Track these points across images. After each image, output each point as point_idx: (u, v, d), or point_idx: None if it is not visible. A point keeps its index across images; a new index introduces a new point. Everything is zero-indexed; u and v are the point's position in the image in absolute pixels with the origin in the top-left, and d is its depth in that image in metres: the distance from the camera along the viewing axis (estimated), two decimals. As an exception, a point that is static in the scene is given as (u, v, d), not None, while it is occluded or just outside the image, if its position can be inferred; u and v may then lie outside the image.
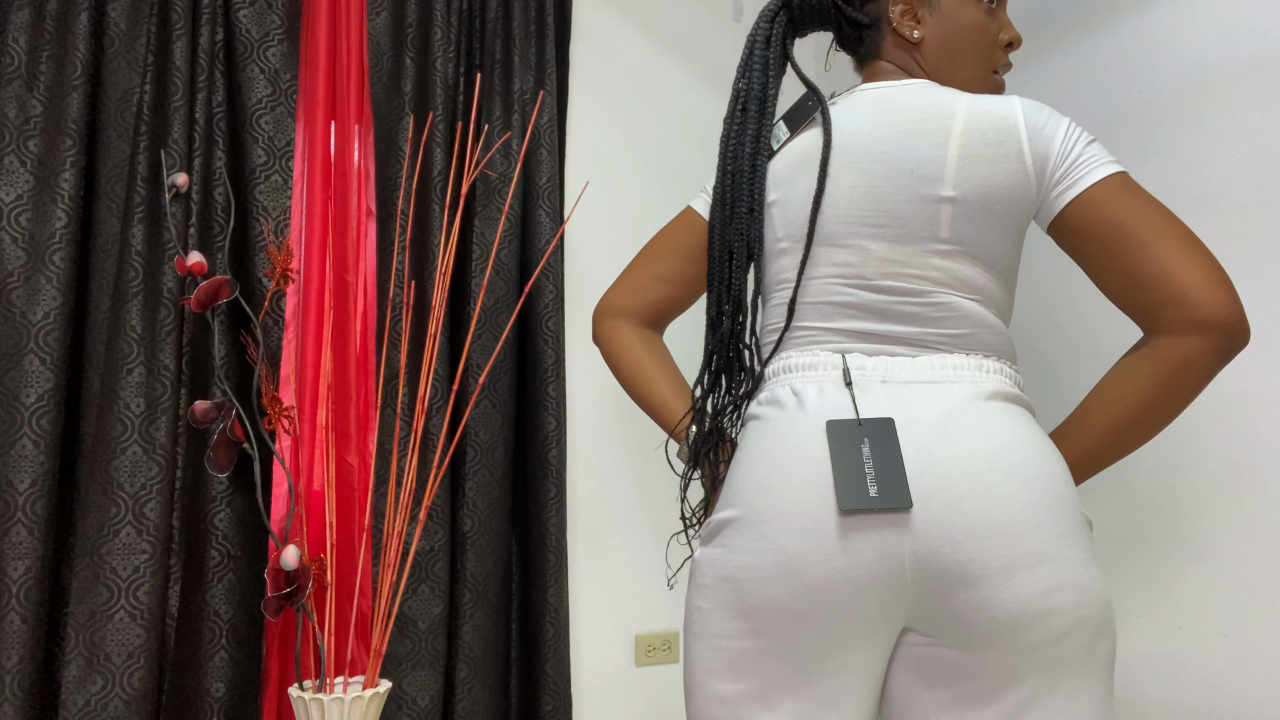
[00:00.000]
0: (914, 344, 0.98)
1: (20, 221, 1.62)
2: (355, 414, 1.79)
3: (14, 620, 1.52)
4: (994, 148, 0.98)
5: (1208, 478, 1.47)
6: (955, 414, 0.92)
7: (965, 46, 1.10)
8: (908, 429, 0.91)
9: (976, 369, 0.96)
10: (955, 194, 0.98)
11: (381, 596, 1.65)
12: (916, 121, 1.02)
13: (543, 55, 2.09)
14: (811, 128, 1.09)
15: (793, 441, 0.95)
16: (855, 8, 1.12)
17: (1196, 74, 1.53)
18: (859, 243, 1.01)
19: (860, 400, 0.95)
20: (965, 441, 0.90)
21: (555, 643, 1.91)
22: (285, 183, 1.81)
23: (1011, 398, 0.95)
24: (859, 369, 0.97)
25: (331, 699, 1.51)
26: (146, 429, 1.62)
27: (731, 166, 1.10)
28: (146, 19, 1.75)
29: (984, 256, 0.99)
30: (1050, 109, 1.02)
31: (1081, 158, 0.98)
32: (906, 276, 0.99)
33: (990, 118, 1.00)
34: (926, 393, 0.94)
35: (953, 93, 1.04)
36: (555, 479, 1.95)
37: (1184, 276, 0.91)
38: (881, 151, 1.02)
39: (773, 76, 1.12)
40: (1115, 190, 0.96)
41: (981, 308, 0.99)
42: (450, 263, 1.82)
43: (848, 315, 1.01)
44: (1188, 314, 0.90)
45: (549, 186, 2.04)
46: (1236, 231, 1.46)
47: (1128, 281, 0.94)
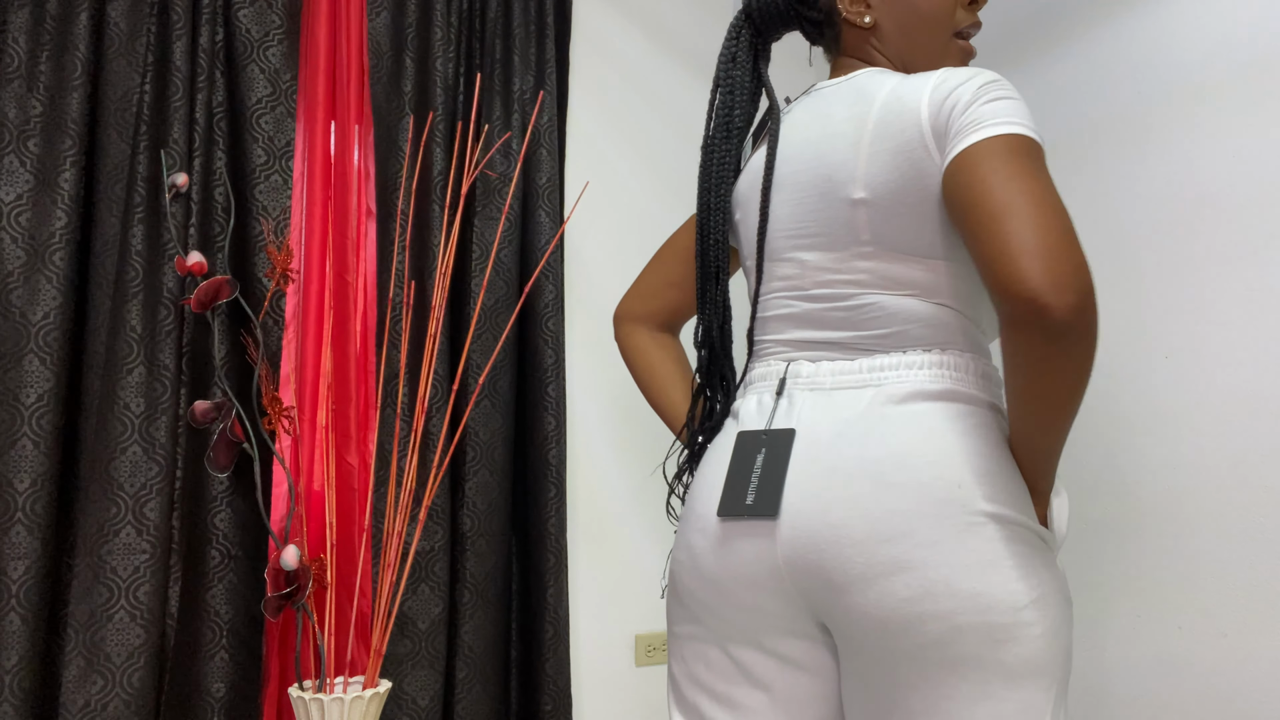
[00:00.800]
0: (848, 347, 0.99)
1: (20, 221, 1.62)
2: (355, 414, 1.79)
3: (14, 620, 1.52)
4: (897, 137, 0.95)
5: (1207, 478, 1.47)
6: (856, 422, 0.93)
7: (919, 19, 1.07)
8: (805, 439, 0.95)
9: (905, 367, 0.95)
10: (866, 195, 0.97)
11: (381, 596, 1.65)
12: (839, 123, 1.01)
13: (543, 55, 2.09)
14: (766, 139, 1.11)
15: (720, 450, 1.04)
16: (809, 6, 1.11)
17: (1196, 74, 1.53)
18: (795, 255, 1.03)
19: (784, 409, 1.00)
20: (849, 451, 0.92)
21: (555, 643, 1.91)
22: (285, 183, 1.81)
23: (931, 395, 0.93)
24: (796, 376, 1.01)
25: (331, 699, 1.51)
26: (146, 429, 1.62)
27: (701, 195, 1.14)
28: (146, 19, 1.75)
29: (910, 249, 0.96)
30: (973, 72, 0.94)
31: (971, 119, 0.90)
32: (836, 283, 1.00)
33: (900, 104, 0.96)
34: (841, 399, 0.96)
35: (883, 81, 1.01)
36: (555, 479, 1.95)
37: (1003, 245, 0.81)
38: (809, 160, 1.03)
39: (738, 97, 1.13)
40: (985, 152, 0.87)
41: (918, 302, 0.96)
42: (450, 263, 1.82)
43: (792, 326, 1.04)
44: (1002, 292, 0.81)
45: (549, 186, 2.04)
46: (1236, 231, 1.46)
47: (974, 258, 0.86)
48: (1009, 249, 0.81)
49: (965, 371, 0.96)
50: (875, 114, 0.98)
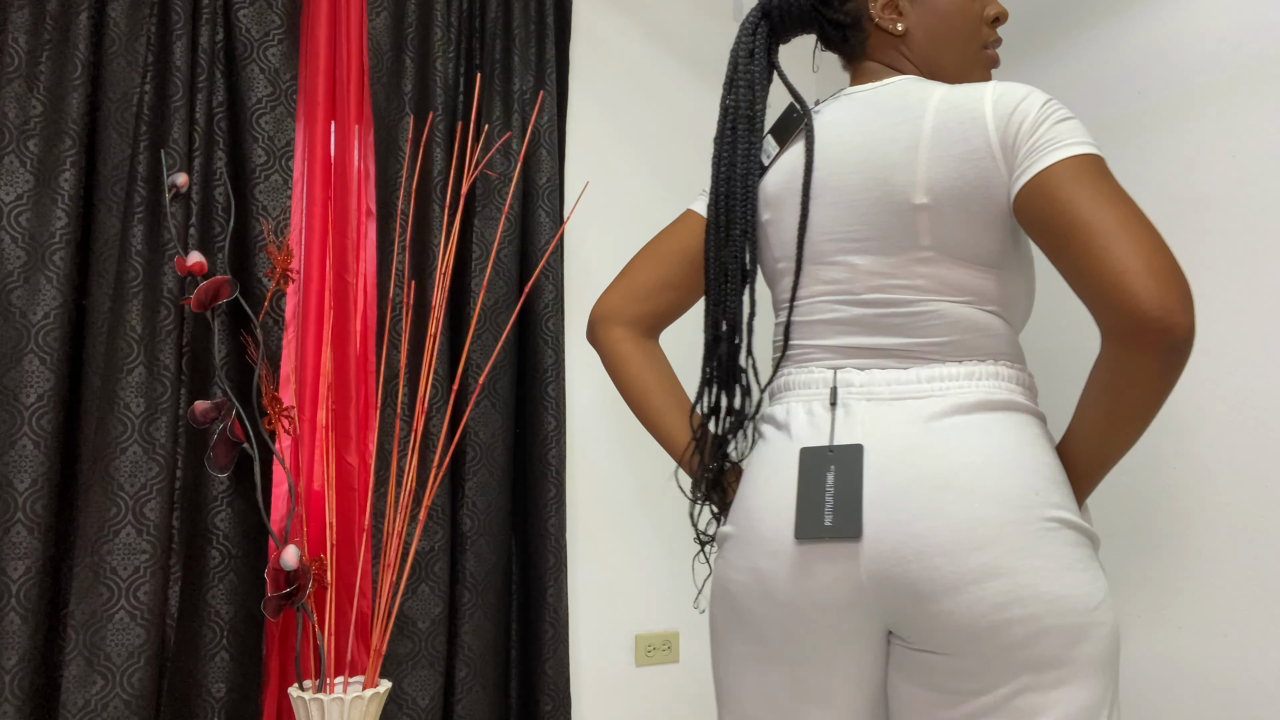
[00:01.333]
0: (904, 355, 0.99)
1: (20, 221, 1.62)
2: (355, 414, 1.79)
3: (14, 620, 1.52)
4: (961, 145, 0.96)
5: (1208, 478, 1.47)
6: (925, 433, 0.93)
7: (951, 30, 1.08)
8: (875, 452, 0.94)
9: (965, 378, 0.96)
10: (929, 200, 0.97)
11: (381, 596, 1.65)
12: (889, 126, 1.01)
13: (543, 55, 2.09)
14: (798, 141, 1.09)
15: (775, 466, 1.01)
16: (835, 9, 1.11)
17: (1196, 74, 1.53)
18: (845, 259, 1.02)
19: (841, 420, 0.98)
20: (925, 462, 0.92)
21: (555, 643, 1.91)
22: (285, 183, 1.81)
23: (996, 405, 0.95)
24: (847, 385, 0.99)
25: (331, 699, 1.51)
26: (146, 429, 1.62)
27: (725, 187, 1.10)
28: (146, 19, 1.75)
29: (971, 256, 0.98)
30: (1027, 89, 0.96)
31: (1045, 139, 0.93)
32: (893, 288, 0.99)
33: (958, 113, 0.97)
34: (905, 410, 0.96)
35: (927, 89, 1.02)
36: (555, 479, 1.95)
37: (1117, 267, 0.84)
38: (858, 163, 1.02)
39: (759, 92, 1.12)
40: (1071, 173, 0.90)
41: (974, 309, 0.98)
42: (450, 263, 1.82)
43: (840, 331, 1.02)
44: (1122, 313, 0.84)
45: (549, 186, 2.04)
46: (1235, 231, 1.46)
47: (1072, 275, 0.89)
48: (1121, 269, 0.83)
49: (1017, 383, 0.98)
50: (931, 120, 0.98)
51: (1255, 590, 1.40)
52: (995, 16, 1.11)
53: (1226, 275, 1.47)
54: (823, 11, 1.11)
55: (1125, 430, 0.91)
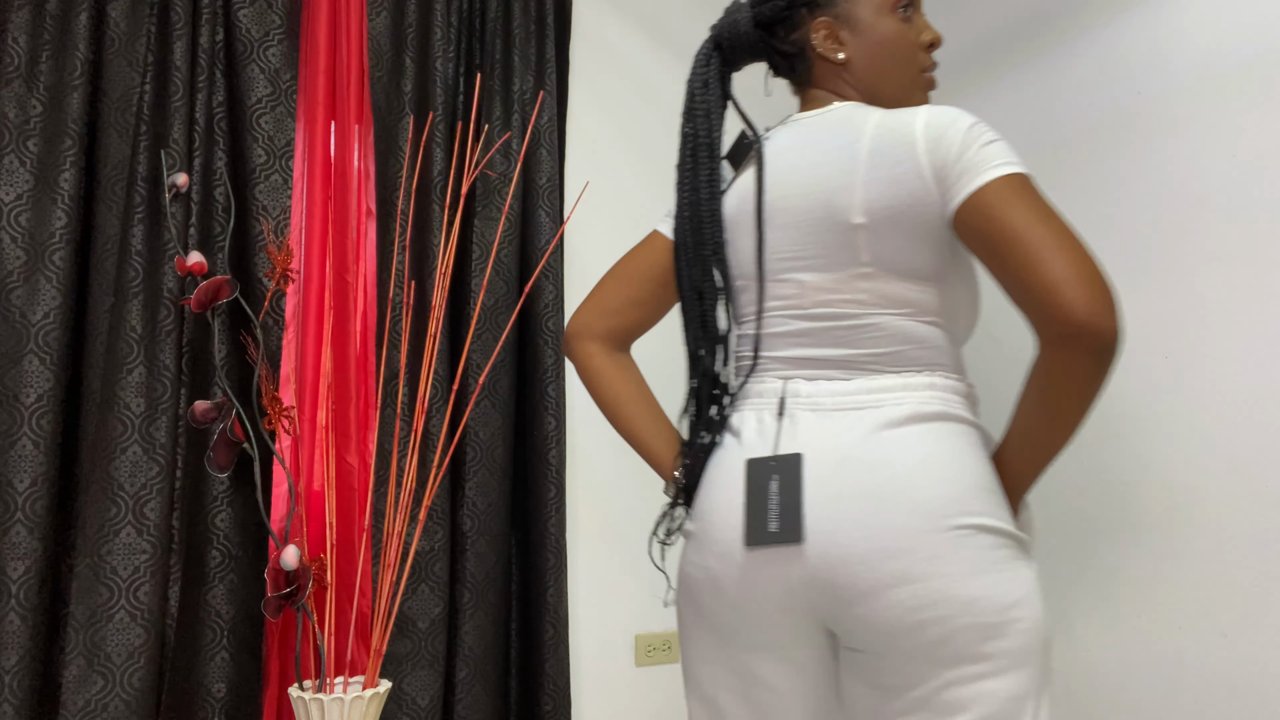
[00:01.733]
0: (847, 366, 1.06)
1: (20, 221, 1.62)
2: (355, 414, 1.79)
3: (14, 620, 1.52)
4: (894, 167, 1.03)
5: (1207, 478, 1.47)
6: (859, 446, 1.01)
7: (889, 58, 1.15)
8: (813, 463, 1.02)
9: (902, 389, 1.03)
10: (866, 220, 1.04)
11: (381, 596, 1.65)
12: (830, 152, 1.08)
13: (543, 55, 2.09)
14: (750, 166, 1.16)
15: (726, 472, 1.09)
16: (781, 39, 1.18)
17: (1196, 74, 1.53)
18: (794, 276, 1.09)
19: (787, 430, 1.06)
20: (854, 475, 0.99)
21: (555, 643, 1.91)
22: (285, 183, 1.81)
23: (928, 416, 1.01)
24: (795, 395, 1.07)
25: (331, 699, 1.51)
26: (146, 429, 1.62)
27: (690, 211, 1.18)
28: (146, 19, 1.75)
29: (908, 271, 1.04)
30: (957, 113, 1.03)
31: (975, 160, 0.99)
32: (837, 302, 1.07)
33: (891, 136, 1.04)
34: (844, 421, 1.03)
35: (865, 115, 1.09)
36: (555, 479, 1.95)
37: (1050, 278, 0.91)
38: (803, 187, 1.09)
39: (715, 120, 1.19)
40: (1004, 192, 0.97)
41: (912, 321, 1.05)
42: (450, 263, 1.82)
43: (791, 344, 1.10)
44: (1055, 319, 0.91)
45: (549, 186, 2.04)
46: (1234, 231, 1.46)
47: (1009, 286, 0.96)
48: (1052, 279, 0.91)
49: (953, 393, 1.05)
50: (867, 144, 1.05)
51: (1255, 590, 1.40)
52: (930, 42, 1.18)
53: (1226, 275, 1.47)
54: (770, 42, 1.19)
55: (1060, 430, 0.98)
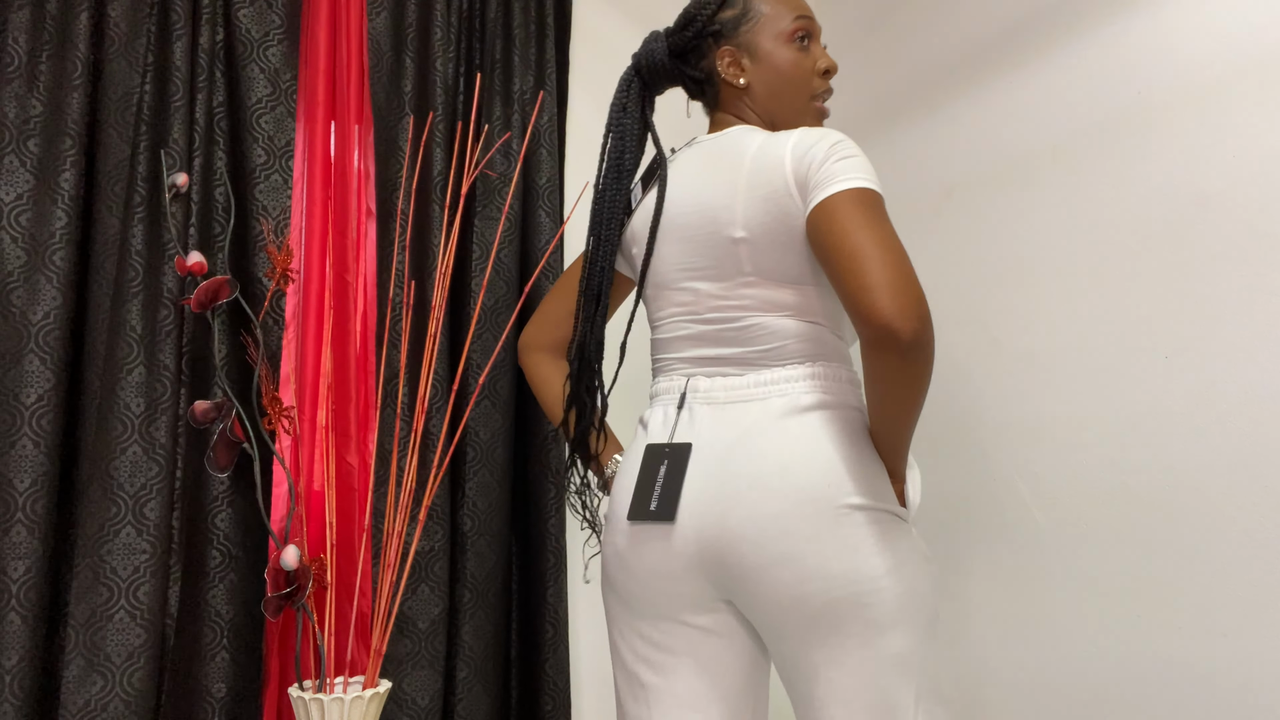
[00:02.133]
0: (739, 363, 1.18)
1: (20, 221, 1.62)
2: (355, 414, 1.79)
3: (14, 620, 1.52)
4: (767, 186, 1.14)
5: (1208, 478, 1.47)
6: (746, 436, 1.12)
7: (785, 84, 1.26)
8: (703, 450, 1.14)
9: (786, 381, 1.14)
10: (745, 234, 1.16)
11: (381, 596, 1.65)
12: (719, 172, 1.20)
13: (543, 55, 2.09)
14: (654, 185, 1.28)
15: (632, 460, 1.22)
16: (691, 66, 1.30)
17: (1196, 74, 1.53)
18: (689, 285, 1.21)
19: (685, 422, 1.18)
20: (741, 463, 1.10)
21: (555, 643, 1.91)
22: (285, 183, 1.81)
23: (808, 407, 1.12)
24: (694, 391, 1.19)
25: (331, 699, 1.51)
26: (146, 429, 1.62)
27: (596, 228, 1.31)
28: (146, 19, 1.75)
29: (785, 278, 1.16)
30: (823, 133, 1.13)
31: (826, 175, 1.09)
32: (726, 307, 1.19)
33: (767, 158, 1.15)
34: (734, 414, 1.14)
35: (753, 138, 1.20)
36: (555, 479, 1.95)
37: (861, 282, 1.01)
38: (695, 205, 1.21)
39: (629, 143, 1.31)
40: (841, 205, 1.07)
41: (794, 320, 1.17)
42: (450, 263, 1.82)
43: (690, 345, 1.22)
44: (862, 322, 1.01)
45: (549, 186, 2.04)
46: (1235, 231, 1.46)
47: (837, 290, 1.06)
48: (865, 285, 1.01)
49: (833, 380, 1.16)
50: (748, 166, 1.17)
51: (1255, 590, 1.40)
52: (825, 69, 1.28)
53: (1226, 275, 1.47)
54: (682, 69, 1.31)
55: (897, 416, 1.08)
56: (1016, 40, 1.87)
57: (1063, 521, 1.70)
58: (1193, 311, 1.51)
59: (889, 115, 2.19)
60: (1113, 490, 1.62)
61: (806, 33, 1.27)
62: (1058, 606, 1.70)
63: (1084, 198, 1.70)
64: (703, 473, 1.12)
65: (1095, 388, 1.65)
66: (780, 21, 1.26)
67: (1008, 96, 1.87)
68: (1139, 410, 1.58)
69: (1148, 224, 1.59)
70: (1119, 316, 1.63)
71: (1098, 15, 1.70)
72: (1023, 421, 1.78)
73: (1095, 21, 1.71)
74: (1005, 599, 1.80)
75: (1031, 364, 1.77)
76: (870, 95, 2.26)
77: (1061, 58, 1.77)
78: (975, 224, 1.92)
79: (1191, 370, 1.51)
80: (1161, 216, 1.57)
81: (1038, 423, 1.75)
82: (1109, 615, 1.61)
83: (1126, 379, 1.61)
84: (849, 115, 2.31)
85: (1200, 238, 1.51)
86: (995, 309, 1.85)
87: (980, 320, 1.89)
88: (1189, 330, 1.52)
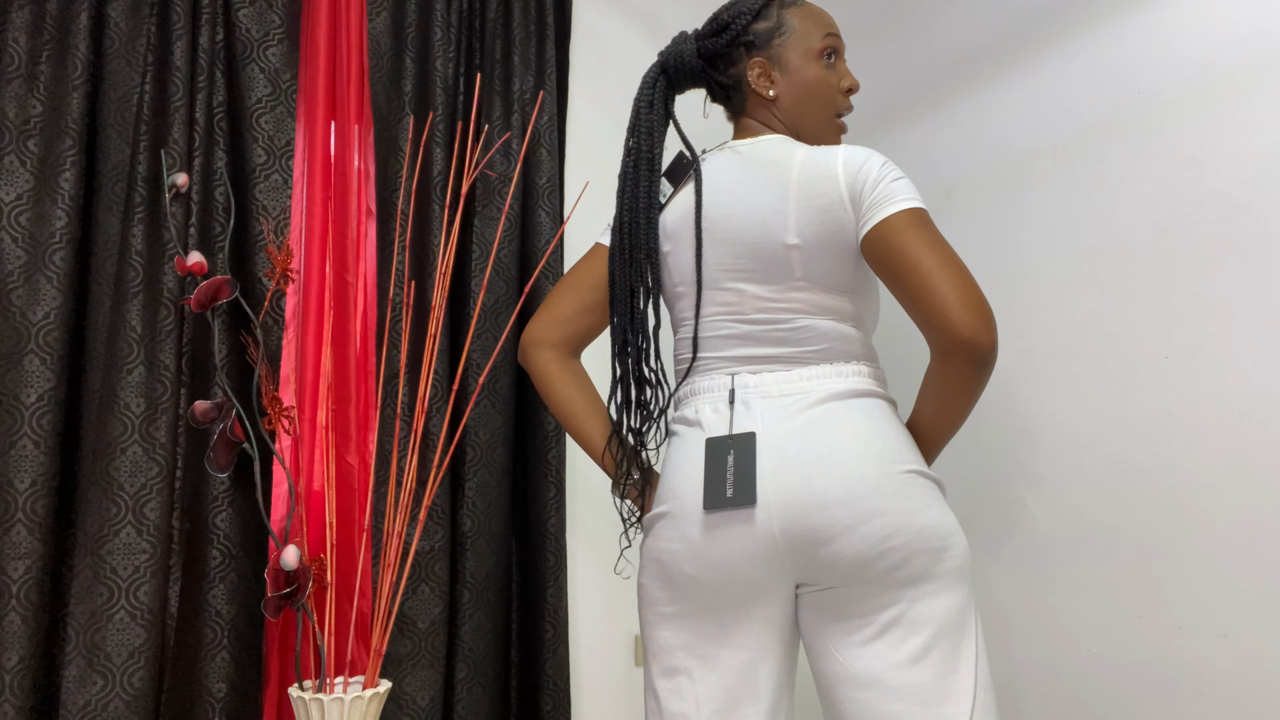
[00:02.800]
0: (787, 361, 1.23)
1: (20, 221, 1.62)
2: (355, 414, 1.79)
3: (14, 620, 1.52)
4: (821, 197, 1.20)
5: (1208, 478, 1.47)
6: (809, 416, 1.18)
7: (812, 99, 1.31)
8: (769, 436, 1.18)
9: (835, 375, 1.21)
10: (799, 241, 1.21)
11: (381, 596, 1.65)
12: (765, 178, 1.24)
13: (543, 55, 2.09)
14: (689, 184, 1.32)
15: (691, 454, 1.23)
16: (720, 72, 1.34)
17: (1196, 74, 1.53)
18: (735, 285, 1.25)
19: (740, 414, 1.21)
20: (813, 436, 1.16)
21: (555, 643, 1.91)
22: (285, 183, 1.81)
23: (860, 392, 1.20)
24: (743, 386, 1.23)
25: (331, 699, 1.51)
26: (146, 429, 1.62)
27: (629, 218, 1.32)
28: (146, 19, 1.75)
29: (833, 283, 1.22)
30: (869, 152, 1.20)
31: (882, 194, 1.17)
32: (774, 309, 1.23)
33: (817, 170, 1.21)
34: (791, 402, 1.20)
35: (793, 149, 1.25)
36: (555, 479, 1.95)
37: (939, 301, 1.10)
38: (740, 208, 1.25)
39: (657, 138, 1.35)
40: (904, 223, 1.15)
41: (837, 323, 1.23)
42: (450, 263, 1.82)
43: (734, 344, 1.25)
44: (943, 336, 1.10)
45: (549, 186, 2.04)
46: (1236, 231, 1.46)
47: (905, 306, 1.14)
48: (943, 303, 1.10)
49: (872, 378, 1.24)
50: (796, 176, 1.22)
51: (1255, 590, 1.40)
52: (849, 88, 1.33)
53: (1227, 274, 1.47)
54: (710, 73, 1.35)
55: (950, 418, 1.19)
56: (1016, 40, 1.87)
57: (1063, 521, 1.70)
58: (1193, 311, 1.51)
59: (889, 115, 2.19)
60: (1113, 490, 1.62)
61: (834, 50, 1.32)
62: (1058, 606, 1.70)
63: (1084, 198, 1.70)
64: (774, 456, 1.16)
65: (1095, 388, 1.65)
66: (811, 38, 1.30)
67: (1008, 96, 1.87)
68: (1139, 410, 1.58)
69: (1148, 224, 1.59)
70: (1119, 316, 1.63)
71: (1097, 15, 1.70)
72: (1023, 421, 1.78)
73: (1095, 21, 1.71)
74: (1005, 599, 1.80)
75: (1031, 364, 1.77)
76: (870, 95, 2.26)
77: (1061, 58, 1.77)
78: (975, 224, 1.92)
79: (1191, 370, 1.51)
80: (1161, 216, 1.57)
81: (1038, 423, 1.75)
82: (1109, 615, 1.61)
83: (1126, 379, 1.61)
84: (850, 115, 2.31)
85: (1200, 238, 1.51)
86: (995, 309, 1.85)
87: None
88: (1189, 330, 1.52)
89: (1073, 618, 1.67)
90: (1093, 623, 1.63)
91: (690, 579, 1.20)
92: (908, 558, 1.12)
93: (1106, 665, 1.61)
